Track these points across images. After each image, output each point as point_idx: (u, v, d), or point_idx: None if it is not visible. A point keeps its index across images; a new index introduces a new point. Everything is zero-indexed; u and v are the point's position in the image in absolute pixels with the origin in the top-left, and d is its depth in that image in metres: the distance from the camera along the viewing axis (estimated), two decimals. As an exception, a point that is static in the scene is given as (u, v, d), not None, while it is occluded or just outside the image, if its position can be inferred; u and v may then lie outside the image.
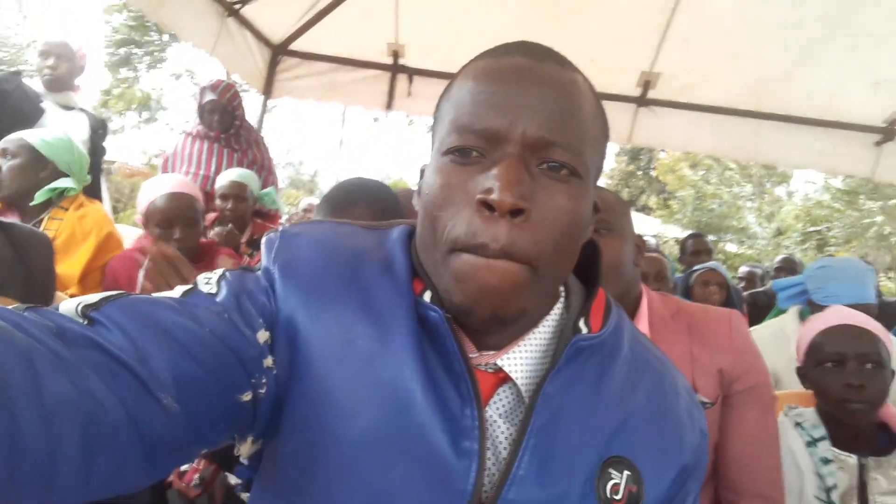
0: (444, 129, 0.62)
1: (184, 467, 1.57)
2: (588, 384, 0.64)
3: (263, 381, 0.58)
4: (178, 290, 0.61)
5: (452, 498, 0.58)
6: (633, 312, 1.33)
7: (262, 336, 0.59)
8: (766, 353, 1.95)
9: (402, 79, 4.17)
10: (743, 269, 4.61)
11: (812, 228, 13.13)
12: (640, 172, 21.06)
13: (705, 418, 0.72)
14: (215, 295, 0.60)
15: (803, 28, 3.38)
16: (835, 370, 1.43)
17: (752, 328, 2.26)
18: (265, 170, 3.48)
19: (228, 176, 2.86)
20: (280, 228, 0.69)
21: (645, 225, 17.11)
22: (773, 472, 1.28)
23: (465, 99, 0.61)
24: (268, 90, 4.08)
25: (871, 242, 11.26)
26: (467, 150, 0.59)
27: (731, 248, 14.57)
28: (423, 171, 0.69)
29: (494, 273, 0.56)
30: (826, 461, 1.43)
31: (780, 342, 2.16)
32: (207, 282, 0.62)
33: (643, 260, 1.35)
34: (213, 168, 3.25)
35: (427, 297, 0.62)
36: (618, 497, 0.61)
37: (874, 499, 1.40)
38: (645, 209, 20.29)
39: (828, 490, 1.40)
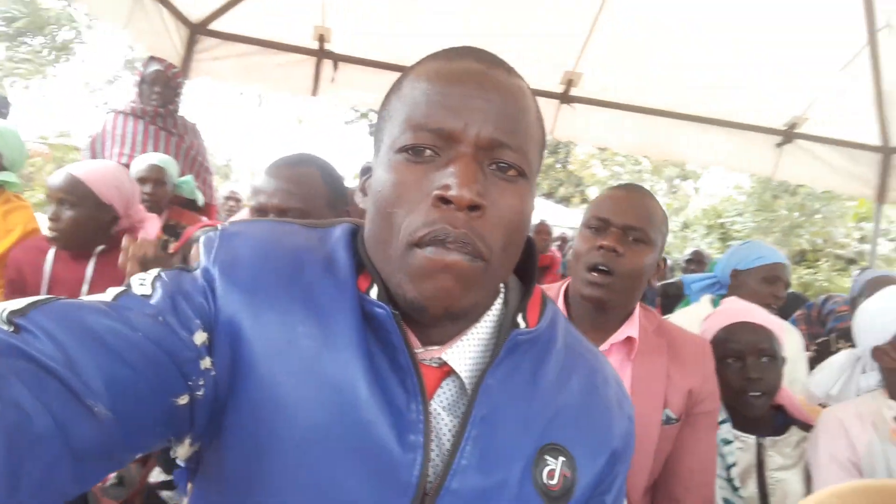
0: (396, 128, 0.63)
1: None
2: (525, 376, 0.67)
3: (201, 383, 0.58)
4: (109, 293, 0.59)
5: (398, 490, 0.60)
6: (625, 319, 1.37)
7: (199, 338, 0.59)
8: None
9: (327, 65, 4.09)
10: (690, 251, 4.79)
11: (720, 220, 13.90)
12: (558, 165, 21.59)
13: (632, 407, 0.77)
14: (149, 297, 0.59)
15: (713, 36, 3.58)
16: (736, 364, 1.55)
17: (667, 316, 2.39)
18: (200, 157, 3.33)
19: (148, 159, 2.72)
20: (219, 227, 0.68)
21: (564, 217, 17.56)
22: (711, 490, 1.36)
23: (420, 98, 0.62)
24: (185, 70, 3.90)
25: (776, 237, 12.02)
26: (421, 149, 0.61)
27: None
28: (366, 170, 0.70)
29: (451, 266, 0.58)
30: (727, 442, 1.54)
31: (695, 329, 2.30)
32: (142, 283, 0.61)
33: (655, 279, 1.39)
34: (149, 150, 3.05)
35: (374, 293, 0.63)
36: (553, 482, 0.65)
37: (770, 474, 1.53)
38: (563, 201, 20.87)
39: (728, 468, 1.51)
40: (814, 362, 2.47)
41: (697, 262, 4.19)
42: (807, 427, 1.61)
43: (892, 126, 4.08)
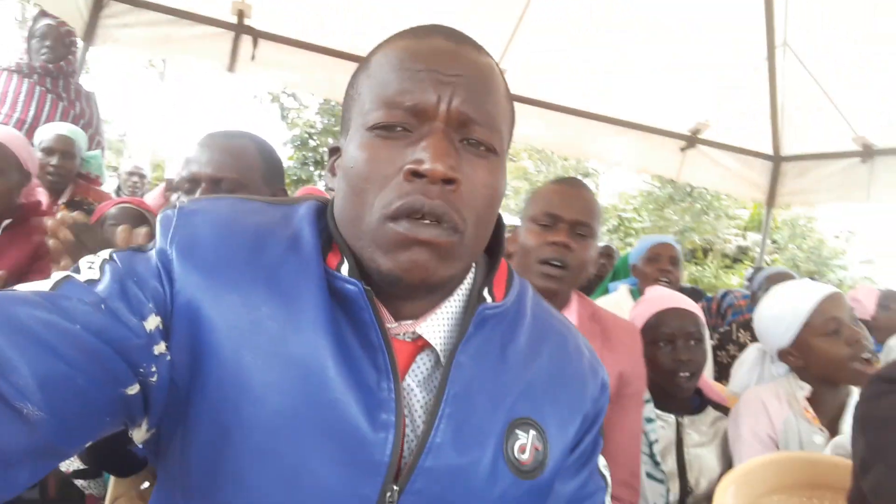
0: (366, 105, 0.63)
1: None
2: (494, 350, 0.68)
3: (153, 369, 0.56)
4: (49, 281, 0.56)
5: (370, 471, 0.59)
6: (562, 308, 1.42)
7: (152, 322, 0.57)
8: None
9: (246, 41, 3.93)
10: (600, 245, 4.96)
11: (624, 214, 14.63)
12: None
13: (607, 373, 0.80)
14: (97, 281, 0.57)
15: (628, 42, 3.76)
16: (667, 348, 1.65)
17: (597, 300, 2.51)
18: (92, 129, 3.08)
19: (56, 129, 2.51)
20: (177, 205, 0.65)
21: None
22: (637, 465, 1.44)
23: (390, 76, 0.62)
24: (89, 35, 3.62)
25: (667, 234, 12.85)
26: (392, 126, 0.61)
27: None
28: (335, 150, 0.70)
29: (426, 239, 0.58)
30: (650, 420, 1.64)
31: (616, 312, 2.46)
32: (90, 265, 0.59)
33: (595, 268, 1.45)
34: (30, 113, 2.81)
35: (344, 270, 0.62)
36: (525, 457, 0.66)
37: (688, 451, 1.64)
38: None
39: (651, 444, 1.61)
40: (716, 350, 2.67)
41: (607, 255, 4.39)
42: (720, 407, 1.73)
43: (783, 137, 4.44)
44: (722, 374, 2.54)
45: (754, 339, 2.60)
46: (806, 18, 3.65)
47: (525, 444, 0.66)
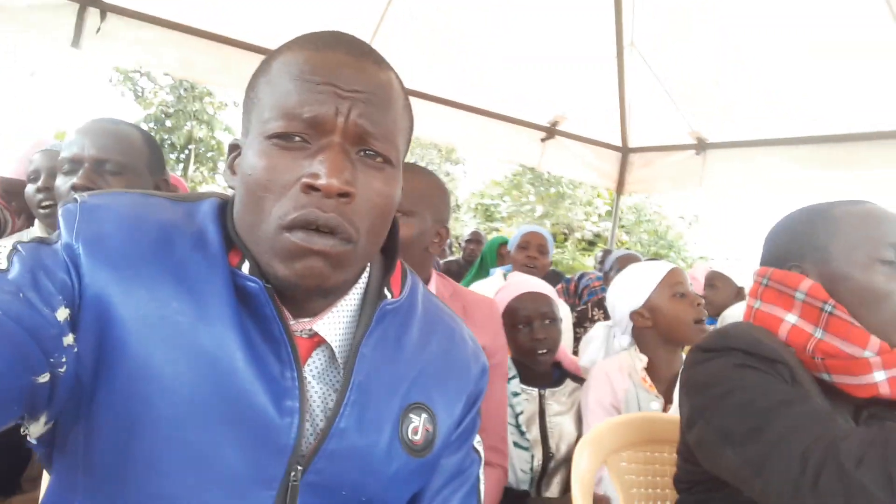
0: (266, 113, 0.65)
1: None
2: (391, 342, 0.74)
3: (63, 360, 0.57)
4: None
5: (276, 453, 0.63)
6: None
7: (62, 314, 0.58)
8: None
9: (93, 13, 3.61)
10: (469, 231, 5.05)
11: (487, 202, 15.14)
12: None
13: (487, 358, 0.89)
14: (6, 271, 0.57)
15: (494, 37, 3.93)
16: (525, 329, 1.79)
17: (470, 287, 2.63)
18: None
19: None
20: (78, 198, 0.65)
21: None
22: (504, 430, 1.56)
23: (290, 87, 0.64)
24: None
25: (528, 219, 13.54)
26: (291, 136, 0.63)
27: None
28: (234, 147, 0.71)
29: (321, 249, 0.62)
30: (516, 394, 1.78)
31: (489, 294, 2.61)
32: None
33: (438, 248, 1.47)
34: None
35: (245, 268, 0.65)
36: (417, 437, 0.73)
37: (549, 419, 1.79)
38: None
39: (517, 416, 1.74)
40: (575, 327, 2.90)
41: (476, 241, 4.58)
42: (577, 379, 1.91)
43: (629, 130, 4.85)
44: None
45: (607, 317, 2.87)
46: (650, 21, 4.01)
47: (417, 426, 0.73)
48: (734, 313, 2.07)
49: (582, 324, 2.92)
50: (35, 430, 0.60)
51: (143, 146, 1.32)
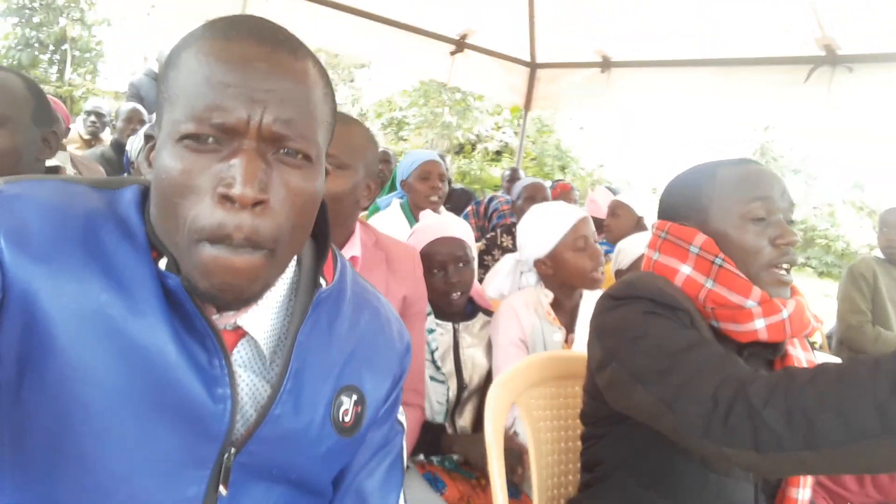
0: (176, 112, 0.61)
1: None
2: (323, 327, 0.75)
3: None
4: None
5: (208, 439, 0.65)
6: (346, 240, 1.45)
7: None
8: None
9: None
10: (379, 151, 4.92)
11: (395, 114, 14.82)
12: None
13: (409, 336, 0.90)
14: None
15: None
16: (440, 273, 1.82)
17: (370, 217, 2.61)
18: None
19: None
20: None
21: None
22: (422, 373, 1.62)
23: (199, 86, 0.60)
24: None
25: (437, 130, 13.40)
26: (203, 137, 0.60)
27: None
28: (149, 137, 0.68)
29: (238, 266, 0.60)
30: (431, 331, 1.84)
31: (388, 228, 2.56)
32: None
33: (368, 201, 1.45)
34: None
35: (163, 264, 0.64)
36: (347, 419, 0.75)
37: (463, 352, 1.87)
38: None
39: (433, 352, 1.81)
40: (482, 254, 2.98)
41: (385, 161, 4.51)
42: (488, 312, 1.99)
43: (537, 46, 4.83)
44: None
45: (515, 244, 2.96)
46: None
47: (348, 408, 0.76)
48: (631, 242, 2.19)
49: (490, 251, 3.00)
50: None
51: (25, 95, 1.20)
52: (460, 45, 4.63)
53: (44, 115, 1.24)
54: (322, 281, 0.75)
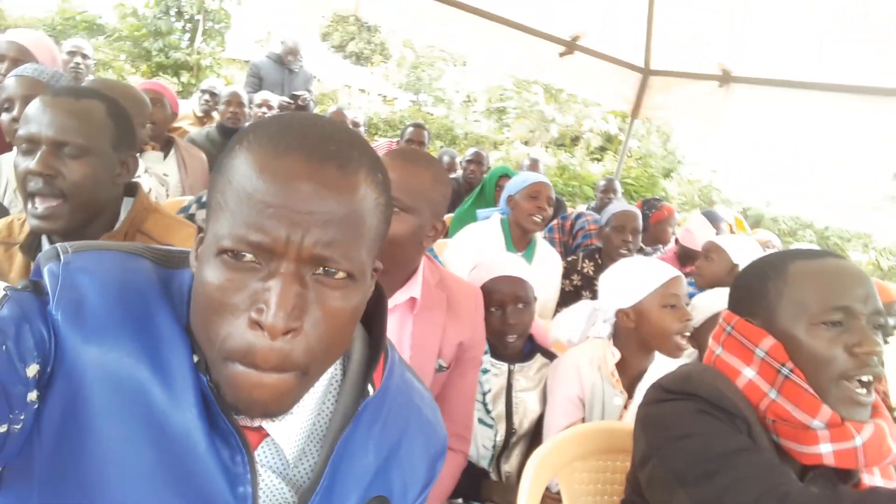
0: (220, 222, 0.60)
1: None
2: (363, 432, 0.72)
3: (21, 416, 0.57)
4: None
5: None
6: (407, 279, 1.44)
7: (32, 370, 0.58)
8: (473, 246, 2.39)
9: None
10: (470, 151, 4.89)
11: (495, 106, 14.69)
12: (352, 17, 20.50)
13: (446, 437, 0.86)
14: None
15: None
16: (497, 312, 1.77)
17: (461, 232, 2.60)
18: None
19: None
20: (62, 255, 0.64)
21: (357, 76, 17.07)
22: (470, 420, 1.58)
23: (240, 203, 0.58)
24: None
25: (535, 120, 13.14)
26: (242, 254, 0.59)
27: (430, 110, 15.50)
28: (199, 230, 0.67)
29: (266, 387, 0.59)
30: (485, 371, 1.78)
31: (482, 240, 2.60)
32: None
33: (432, 241, 1.43)
34: None
35: (195, 359, 0.64)
36: None
37: (516, 395, 1.81)
38: (354, 57, 20.12)
39: (484, 394, 1.76)
40: (562, 278, 2.86)
41: (477, 162, 4.45)
42: (548, 354, 1.91)
43: (653, 52, 4.56)
44: (564, 300, 2.76)
45: (597, 270, 2.83)
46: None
47: None
48: (708, 298, 2.01)
49: (569, 276, 2.88)
50: None
51: (106, 122, 1.22)
52: (571, 46, 4.45)
53: (124, 139, 1.26)
54: (370, 388, 0.72)
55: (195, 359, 0.64)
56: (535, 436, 1.83)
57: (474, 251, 2.44)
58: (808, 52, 3.61)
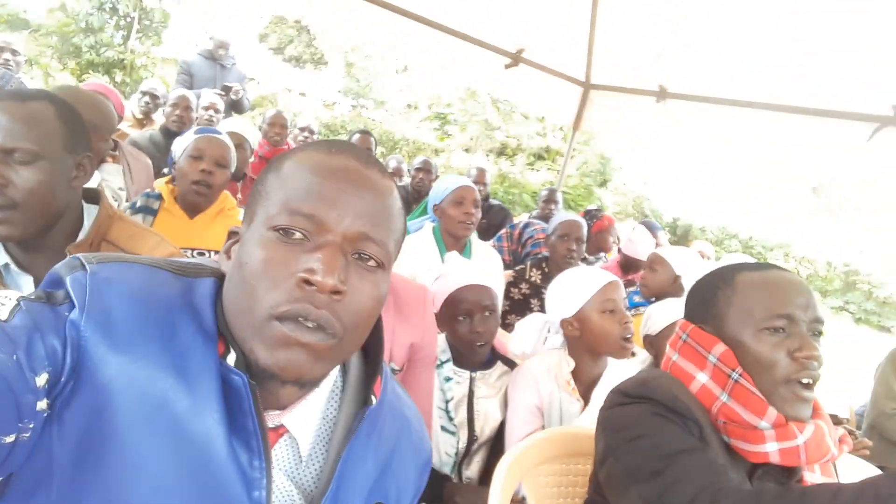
0: (272, 207, 0.67)
1: None
2: (364, 440, 0.76)
3: (31, 426, 0.58)
4: None
5: None
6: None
7: (42, 379, 0.59)
8: (410, 258, 2.32)
9: None
10: (419, 160, 4.87)
11: (444, 110, 14.76)
12: (292, 20, 20.17)
13: (430, 447, 0.92)
14: (6, 322, 0.59)
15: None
16: (465, 321, 1.80)
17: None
18: None
19: None
20: (88, 266, 0.65)
21: (296, 80, 16.77)
22: (430, 417, 1.62)
23: (299, 185, 0.67)
24: None
25: (480, 128, 13.30)
26: (293, 231, 0.66)
27: (370, 115, 15.41)
28: (233, 234, 0.74)
29: (306, 347, 0.64)
30: (448, 379, 1.81)
31: (418, 251, 2.56)
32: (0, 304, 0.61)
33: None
34: None
35: (231, 360, 0.66)
36: None
37: (477, 401, 1.84)
38: (294, 60, 19.79)
39: (447, 402, 1.79)
40: (510, 286, 2.93)
41: (426, 170, 4.49)
42: (507, 361, 1.96)
43: (593, 67, 4.73)
44: (513, 308, 2.82)
45: (545, 279, 2.90)
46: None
47: None
48: (662, 308, 2.11)
49: (518, 284, 2.94)
50: None
51: (56, 125, 1.16)
52: (516, 59, 4.56)
53: (77, 140, 1.21)
54: (373, 398, 0.77)
55: (233, 358, 0.66)
56: (495, 441, 1.87)
57: (411, 263, 2.43)
58: (738, 72, 3.82)
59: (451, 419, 1.78)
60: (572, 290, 1.79)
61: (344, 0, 3.83)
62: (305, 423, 0.73)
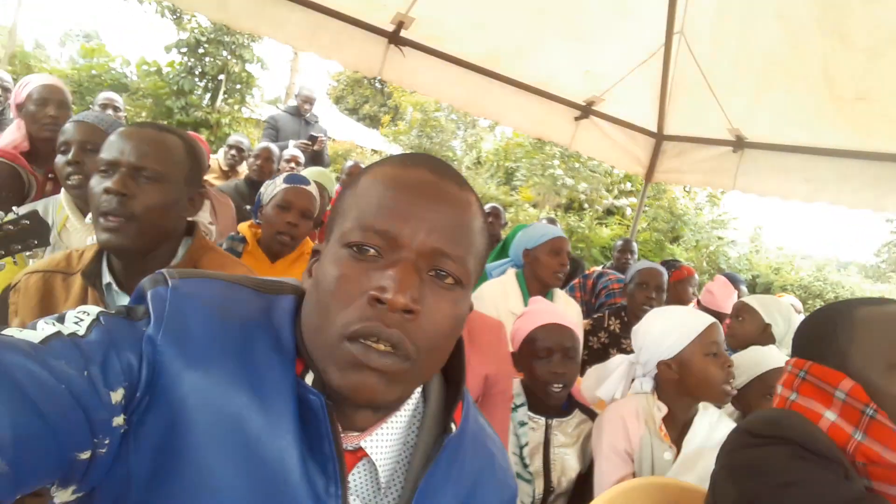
0: (347, 223, 0.66)
1: None
2: (444, 470, 0.72)
3: (106, 441, 0.57)
4: (38, 332, 0.57)
5: None
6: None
7: (118, 395, 0.58)
8: (493, 303, 2.26)
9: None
10: (488, 206, 4.94)
11: (507, 164, 14.92)
12: (366, 80, 21.14)
13: (517, 486, 0.86)
14: (82, 338, 0.58)
15: (538, 14, 3.74)
16: (544, 360, 1.74)
17: (477, 288, 2.58)
18: None
19: None
20: (170, 280, 0.65)
21: (369, 138, 17.46)
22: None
23: (373, 200, 0.65)
24: None
25: (547, 183, 13.28)
26: (366, 248, 0.64)
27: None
28: (316, 252, 0.73)
29: (379, 369, 0.61)
30: (522, 424, 1.75)
31: (501, 296, 2.56)
32: (77, 321, 0.60)
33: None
34: None
35: (309, 379, 0.65)
36: None
37: (554, 450, 1.77)
38: (368, 119, 20.65)
39: (521, 447, 1.72)
40: (588, 335, 2.84)
41: (495, 215, 4.51)
42: (585, 409, 1.87)
43: (666, 118, 4.68)
44: (592, 357, 2.73)
45: (624, 328, 2.81)
46: (703, 11, 3.80)
47: None
48: (751, 360, 1.99)
49: (596, 333, 2.86)
50: (61, 497, 0.59)
51: (184, 157, 1.29)
52: (586, 111, 4.57)
53: (195, 176, 1.33)
54: (453, 426, 0.73)
55: (311, 377, 0.65)
56: (574, 497, 1.78)
57: (497, 305, 2.43)
58: (821, 118, 3.70)
59: (525, 466, 1.71)
60: (674, 329, 1.70)
61: (426, 61, 3.98)
62: (385, 447, 0.70)
